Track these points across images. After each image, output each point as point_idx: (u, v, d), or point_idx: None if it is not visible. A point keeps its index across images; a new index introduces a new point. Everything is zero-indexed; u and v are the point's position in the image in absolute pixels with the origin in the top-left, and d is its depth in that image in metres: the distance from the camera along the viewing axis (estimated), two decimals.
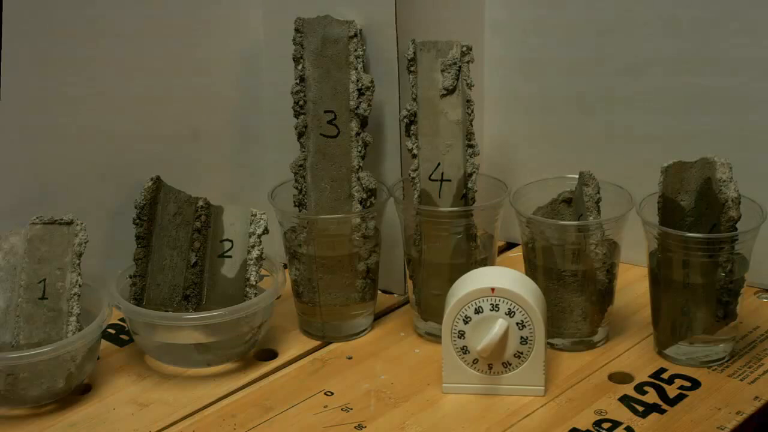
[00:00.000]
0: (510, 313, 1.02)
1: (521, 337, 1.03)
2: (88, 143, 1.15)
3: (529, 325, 1.02)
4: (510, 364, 1.04)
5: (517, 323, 1.02)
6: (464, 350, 1.04)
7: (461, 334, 1.03)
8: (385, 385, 1.07)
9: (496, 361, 1.03)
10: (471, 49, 1.10)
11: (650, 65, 1.19)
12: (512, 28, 1.25)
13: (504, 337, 1.02)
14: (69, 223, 1.08)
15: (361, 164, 1.13)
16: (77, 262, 1.07)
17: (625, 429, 1.00)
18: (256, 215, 1.10)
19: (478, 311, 1.02)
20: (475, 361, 1.04)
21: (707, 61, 1.16)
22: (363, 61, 1.12)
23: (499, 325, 1.02)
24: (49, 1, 1.10)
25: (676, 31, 1.17)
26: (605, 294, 1.10)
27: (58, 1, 1.10)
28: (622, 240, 1.10)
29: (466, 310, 1.03)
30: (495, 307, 1.02)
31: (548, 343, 1.08)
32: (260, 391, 1.07)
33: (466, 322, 1.03)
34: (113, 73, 1.15)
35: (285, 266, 1.15)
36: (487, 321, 1.02)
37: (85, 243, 1.07)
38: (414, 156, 1.11)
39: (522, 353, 1.03)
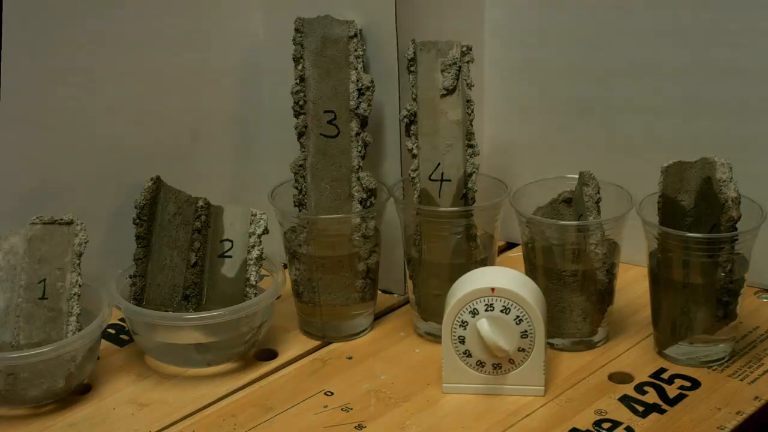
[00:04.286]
0: (510, 314, 1.02)
1: (521, 334, 1.03)
2: (88, 143, 1.15)
3: (529, 325, 1.02)
4: (510, 364, 1.04)
5: (517, 323, 1.02)
6: (464, 348, 1.04)
7: (461, 335, 1.03)
8: (385, 385, 1.07)
9: (509, 351, 1.03)
10: (471, 49, 1.10)
11: (650, 65, 1.19)
12: (512, 28, 1.25)
13: (492, 331, 1.02)
14: (69, 223, 1.08)
15: (361, 164, 1.13)
16: (77, 262, 1.07)
17: (625, 429, 1.00)
18: (256, 215, 1.10)
19: (477, 311, 1.02)
20: (476, 361, 1.04)
21: (707, 61, 1.16)
22: (363, 61, 1.12)
23: (481, 327, 1.02)
24: (49, 2, 1.10)
25: (676, 32, 1.17)
26: (605, 294, 1.10)
27: (57, 2, 1.10)
28: (622, 240, 1.10)
29: (466, 310, 1.03)
30: (493, 308, 1.02)
31: (548, 343, 1.08)
32: (260, 391, 1.07)
33: (466, 322, 1.03)
34: (113, 74, 1.15)
35: (285, 266, 1.15)
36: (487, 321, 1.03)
37: (85, 243, 1.07)
38: (414, 156, 1.11)
39: (522, 353, 1.03)
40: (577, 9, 1.21)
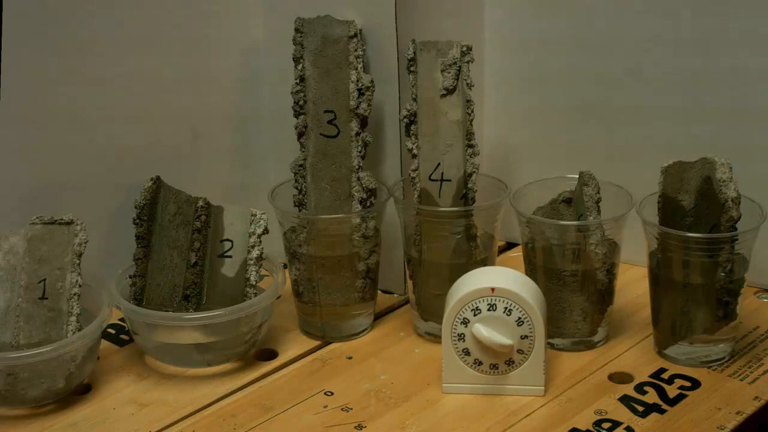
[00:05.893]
0: (510, 313, 1.02)
1: (522, 336, 1.03)
2: (88, 143, 1.15)
3: (529, 325, 1.02)
4: (510, 364, 1.04)
5: (517, 323, 1.02)
6: (466, 353, 1.04)
7: (461, 334, 1.03)
8: (385, 385, 1.07)
9: (513, 344, 1.03)
10: (471, 49, 1.10)
11: (650, 65, 1.19)
12: (512, 28, 1.25)
13: (489, 332, 1.02)
14: (69, 223, 1.08)
15: (361, 164, 1.13)
16: (77, 262, 1.07)
17: (625, 429, 1.00)
18: (256, 215, 1.10)
19: (478, 311, 1.02)
20: (476, 362, 1.04)
21: (707, 61, 1.16)
22: (363, 61, 1.12)
23: (478, 331, 1.02)
24: (50, 2, 1.10)
25: (676, 32, 1.17)
26: (605, 294, 1.10)
27: (58, 3, 1.10)
28: (622, 240, 1.10)
29: (466, 310, 1.03)
30: (493, 308, 1.02)
31: (548, 343, 1.08)
32: (260, 391, 1.07)
33: (466, 323, 1.03)
34: (113, 73, 1.15)
35: (285, 266, 1.15)
36: (487, 321, 1.03)
37: (85, 243, 1.07)
38: (414, 156, 1.11)
39: (522, 353, 1.03)
40: (577, 8, 1.21)
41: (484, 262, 1.12)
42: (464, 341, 1.03)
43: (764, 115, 1.15)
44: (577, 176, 1.10)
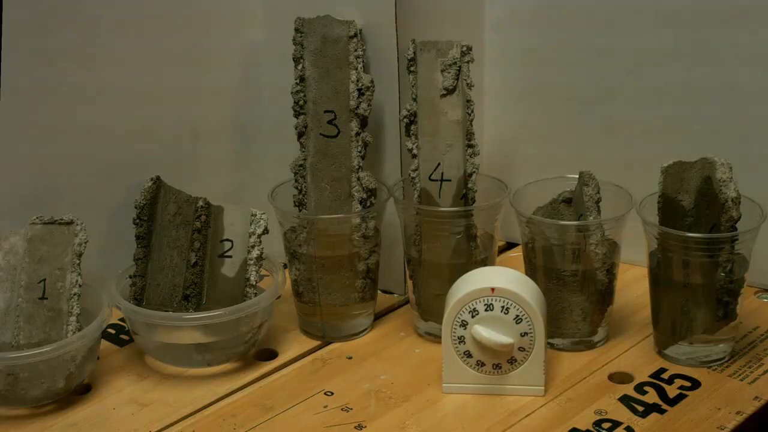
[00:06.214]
0: (508, 312, 1.02)
1: (522, 333, 1.03)
2: (88, 143, 1.15)
3: (528, 322, 1.02)
4: (510, 364, 1.04)
5: (516, 321, 1.02)
6: (464, 348, 1.04)
7: (461, 337, 1.03)
8: (385, 385, 1.07)
9: (514, 342, 1.03)
10: (471, 49, 1.10)
11: (650, 66, 1.19)
12: (512, 27, 1.25)
13: (489, 332, 1.02)
14: (69, 223, 1.08)
15: (361, 164, 1.13)
16: (77, 262, 1.07)
17: (625, 429, 1.00)
18: (256, 215, 1.10)
19: (476, 312, 1.02)
20: (478, 363, 1.04)
21: (708, 59, 1.16)
22: (363, 61, 1.12)
23: (478, 333, 1.02)
24: (49, 2, 1.10)
25: (676, 29, 1.17)
26: (605, 294, 1.10)
27: (57, 2, 1.10)
28: (622, 240, 1.10)
29: (466, 310, 1.03)
30: (491, 307, 1.02)
31: (548, 343, 1.08)
32: (260, 391, 1.07)
33: (465, 324, 1.03)
34: (113, 74, 1.15)
35: (285, 266, 1.15)
36: (487, 321, 1.03)
37: (85, 243, 1.07)
38: (414, 156, 1.11)
39: (522, 353, 1.03)
40: (577, 9, 1.21)
41: (484, 262, 1.12)
42: (465, 343, 1.03)
43: (765, 115, 1.15)
44: (577, 176, 1.10)
